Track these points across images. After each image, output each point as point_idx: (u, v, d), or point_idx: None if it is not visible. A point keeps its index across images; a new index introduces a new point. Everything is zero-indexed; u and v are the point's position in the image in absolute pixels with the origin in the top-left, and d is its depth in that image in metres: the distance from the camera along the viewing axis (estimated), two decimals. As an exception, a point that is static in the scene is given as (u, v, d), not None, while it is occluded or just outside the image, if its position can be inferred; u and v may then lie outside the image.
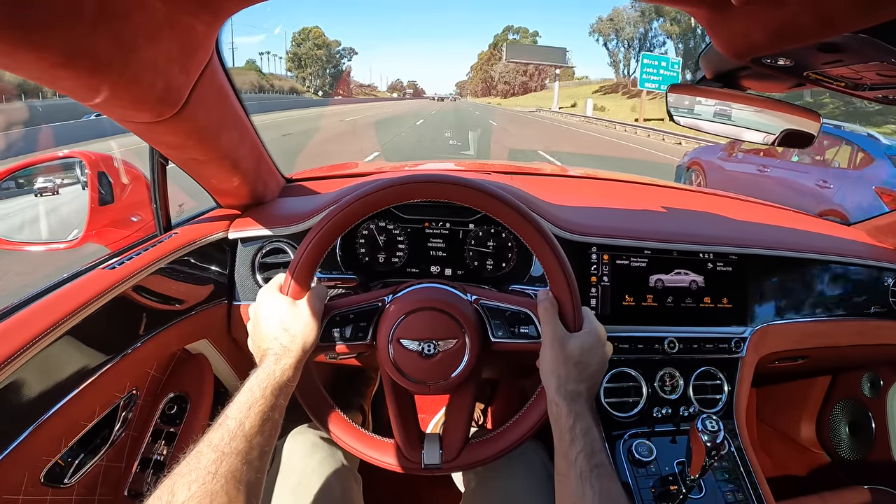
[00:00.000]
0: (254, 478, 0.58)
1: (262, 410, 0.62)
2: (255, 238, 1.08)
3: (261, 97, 56.26)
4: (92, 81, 0.54)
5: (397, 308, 0.77)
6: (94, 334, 0.79)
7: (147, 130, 0.73)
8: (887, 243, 1.33)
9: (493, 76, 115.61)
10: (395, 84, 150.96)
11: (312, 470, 0.90)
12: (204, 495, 0.51)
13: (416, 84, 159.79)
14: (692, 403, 1.06)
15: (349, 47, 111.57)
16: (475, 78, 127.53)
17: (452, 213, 1.10)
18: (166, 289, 0.95)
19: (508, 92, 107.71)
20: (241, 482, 0.56)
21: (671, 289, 1.09)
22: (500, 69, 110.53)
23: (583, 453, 0.63)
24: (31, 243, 1.15)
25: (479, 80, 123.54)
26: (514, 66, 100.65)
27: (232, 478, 0.55)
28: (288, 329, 0.71)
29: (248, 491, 0.56)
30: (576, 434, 0.64)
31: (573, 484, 0.61)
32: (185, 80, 0.66)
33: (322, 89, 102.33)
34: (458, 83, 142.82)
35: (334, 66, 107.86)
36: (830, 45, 0.48)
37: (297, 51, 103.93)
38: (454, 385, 0.76)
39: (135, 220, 1.17)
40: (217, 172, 0.97)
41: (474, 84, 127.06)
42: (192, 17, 0.58)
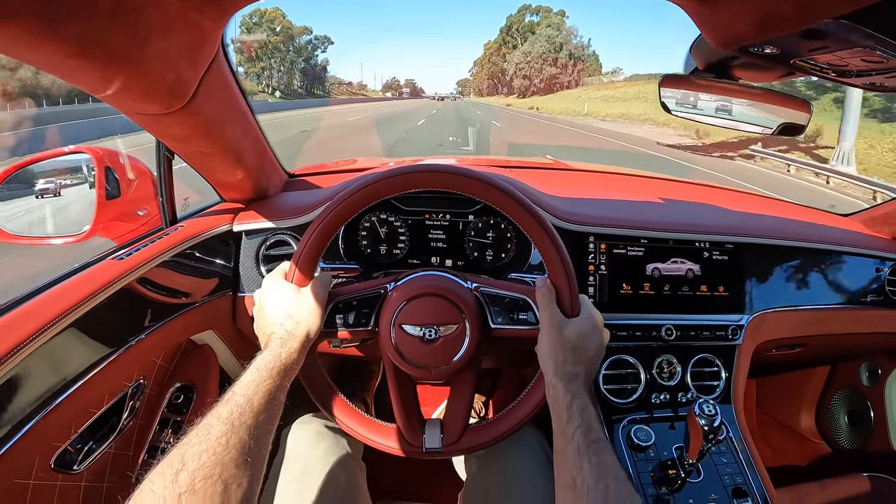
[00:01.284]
0: (259, 454, 0.60)
1: (269, 390, 0.64)
2: (259, 230, 1.10)
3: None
4: (106, 73, 0.56)
5: (399, 294, 0.79)
6: (102, 324, 0.81)
7: (155, 122, 0.75)
8: (883, 233, 1.34)
9: (507, 69, 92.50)
10: (390, 83, 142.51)
11: (317, 458, 0.91)
12: (215, 464, 0.53)
13: (413, 82, 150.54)
14: (690, 389, 1.08)
15: (324, 35, 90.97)
16: (480, 73, 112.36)
17: (452, 205, 1.12)
18: (172, 281, 0.97)
19: (527, 89, 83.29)
20: (248, 456, 0.57)
21: (668, 277, 1.10)
22: (518, 59, 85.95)
23: (580, 429, 0.64)
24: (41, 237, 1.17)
25: (486, 75, 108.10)
26: (539, 54, 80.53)
27: (241, 451, 0.56)
28: (293, 315, 0.73)
29: (255, 465, 0.58)
30: (573, 412, 0.66)
31: (571, 458, 0.62)
32: (193, 74, 0.68)
33: (284, 88, 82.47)
34: (460, 81, 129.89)
35: (305, 60, 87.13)
36: (813, 32, 0.49)
37: (247, 38, 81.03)
38: (455, 370, 0.78)
39: (141, 213, 1.19)
40: (222, 166, 0.99)
41: (479, 80, 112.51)
42: (199, 13, 0.60)
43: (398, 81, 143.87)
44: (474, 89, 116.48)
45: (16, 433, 0.66)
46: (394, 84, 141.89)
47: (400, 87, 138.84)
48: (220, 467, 0.53)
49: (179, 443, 0.55)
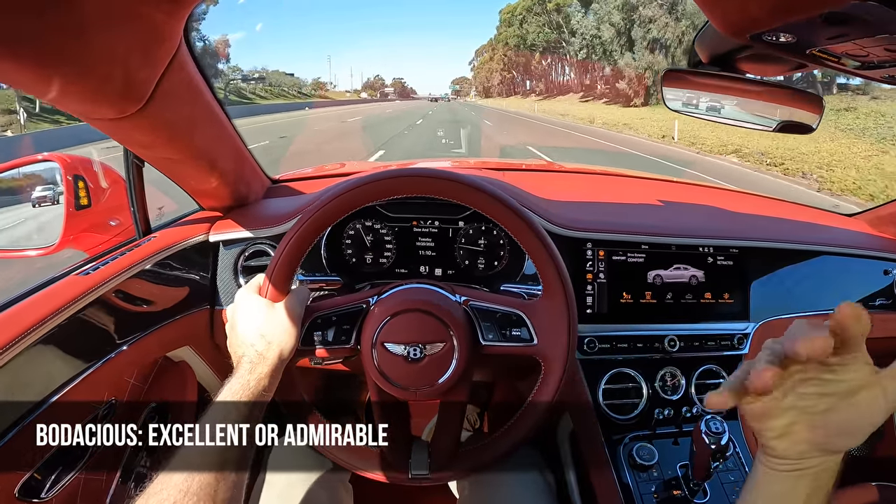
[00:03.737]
0: (229, 493, 0.57)
1: (236, 423, 0.59)
2: (237, 240, 1.05)
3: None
4: (42, 72, 0.50)
5: (382, 310, 0.74)
6: (69, 343, 0.77)
7: (113, 127, 0.70)
8: (889, 233, 1.30)
9: (570, 47, 46.06)
10: (372, 82, 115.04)
11: (298, 478, 0.89)
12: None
13: (402, 81, 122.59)
14: (694, 403, 1.03)
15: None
16: (489, 65, 74.32)
17: (442, 211, 1.07)
18: (145, 294, 0.93)
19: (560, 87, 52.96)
20: (215, 499, 0.54)
21: (670, 284, 1.05)
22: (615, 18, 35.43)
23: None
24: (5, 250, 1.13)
25: (498, 66, 70.28)
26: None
27: (205, 495, 0.54)
28: (264, 335, 0.68)
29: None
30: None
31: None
32: (148, 74, 0.62)
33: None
34: (457, 79, 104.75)
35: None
36: (836, 16, 0.44)
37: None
38: (442, 391, 0.73)
39: (113, 224, 1.13)
40: (194, 173, 0.94)
41: (486, 74, 76.08)
42: (150, 6, 0.54)
43: (382, 80, 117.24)
44: (478, 87, 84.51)
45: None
46: (377, 83, 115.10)
47: (383, 87, 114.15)
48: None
49: (143, 491, 0.54)
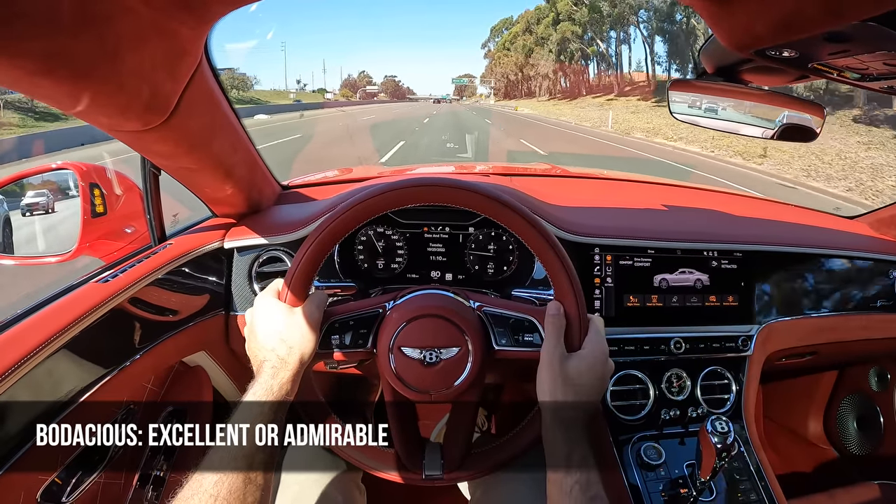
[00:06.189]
0: (258, 496, 0.58)
1: (262, 427, 0.61)
2: (252, 247, 1.07)
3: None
4: (74, 89, 0.52)
5: (398, 315, 0.75)
6: (89, 349, 0.78)
7: (136, 139, 0.72)
8: (890, 235, 1.32)
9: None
10: (354, 80, 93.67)
11: (314, 480, 0.89)
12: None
13: (395, 80, 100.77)
14: (700, 404, 1.05)
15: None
16: (505, 61, 59.53)
17: (452, 217, 1.09)
18: (162, 301, 0.94)
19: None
20: (244, 503, 0.55)
21: (676, 288, 1.07)
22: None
23: (578, 484, 0.61)
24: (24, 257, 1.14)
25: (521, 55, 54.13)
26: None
27: (235, 499, 0.55)
28: (285, 339, 0.69)
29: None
30: (572, 464, 0.63)
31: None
32: (172, 87, 0.64)
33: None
34: (464, 75, 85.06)
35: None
36: (837, 35, 0.46)
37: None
38: (456, 394, 0.74)
39: (129, 231, 1.15)
40: (210, 181, 0.95)
41: (505, 66, 59.77)
42: (176, 22, 0.56)
43: (369, 78, 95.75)
44: (495, 87, 68.79)
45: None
46: (361, 81, 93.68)
47: (366, 86, 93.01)
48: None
49: (175, 497, 0.55)
